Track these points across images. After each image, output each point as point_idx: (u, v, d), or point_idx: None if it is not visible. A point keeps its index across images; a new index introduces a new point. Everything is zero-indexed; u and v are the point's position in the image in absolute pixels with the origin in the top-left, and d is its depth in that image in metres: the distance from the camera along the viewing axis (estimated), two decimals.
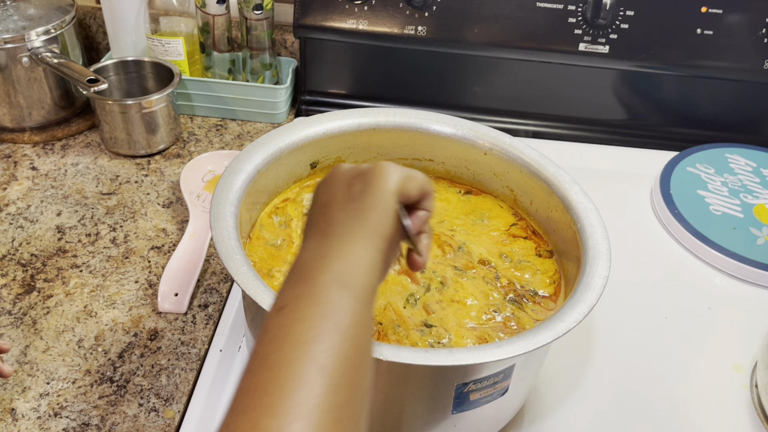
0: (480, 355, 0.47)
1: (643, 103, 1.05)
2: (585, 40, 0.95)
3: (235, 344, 0.70)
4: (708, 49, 0.95)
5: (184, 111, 1.03)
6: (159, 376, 0.66)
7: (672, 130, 1.06)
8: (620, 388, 0.68)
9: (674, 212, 0.87)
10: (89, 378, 0.65)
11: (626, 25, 0.94)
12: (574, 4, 0.93)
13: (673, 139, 1.04)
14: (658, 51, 0.96)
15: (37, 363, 0.66)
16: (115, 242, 0.80)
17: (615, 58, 0.96)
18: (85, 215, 0.84)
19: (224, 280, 0.76)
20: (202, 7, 0.96)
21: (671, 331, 0.74)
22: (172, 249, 0.79)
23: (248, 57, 1.01)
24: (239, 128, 1.02)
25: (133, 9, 0.96)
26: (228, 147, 0.98)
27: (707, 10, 0.93)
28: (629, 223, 0.89)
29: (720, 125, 1.05)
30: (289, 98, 1.04)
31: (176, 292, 0.73)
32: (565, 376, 0.68)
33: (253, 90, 1.01)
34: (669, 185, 0.91)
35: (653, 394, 0.67)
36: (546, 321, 0.50)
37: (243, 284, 0.50)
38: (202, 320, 0.72)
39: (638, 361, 0.71)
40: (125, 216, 0.84)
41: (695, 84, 1.02)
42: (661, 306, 0.77)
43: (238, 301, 0.74)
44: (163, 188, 0.89)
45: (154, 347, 0.68)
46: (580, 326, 0.51)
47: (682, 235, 0.85)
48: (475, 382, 0.51)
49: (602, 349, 0.71)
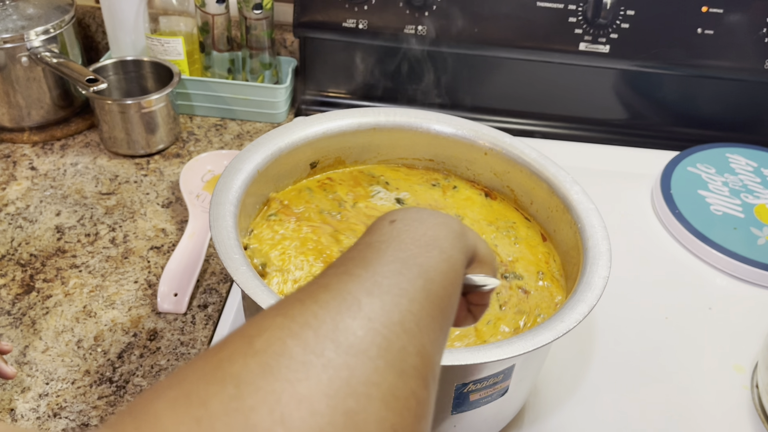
0: (480, 355, 0.47)
1: (643, 102, 1.05)
2: (585, 39, 0.95)
3: None
4: (709, 49, 0.95)
5: (184, 111, 1.03)
6: (158, 376, 0.65)
7: (673, 130, 1.05)
8: (620, 389, 0.68)
9: (675, 212, 0.86)
10: (88, 378, 0.65)
11: (627, 24, 0.94)
12: (574, 4, 0.93)
13: (674, 138, 1.04)
14: (658, 50, 0.96)
15: (36, 363, 0.66)
16: (115, 242, 0.80)
17: (615, 58, 0.96)
18: (85, 215, 0.83)
19: (224, 281, 0.76)
20: (202, 6, 0.96)
21: (672, 331, 0.74)
22: (172, 249, 0.79)
23: (248, 56, 1.01)
24: (239, 128, 1.02)
25: (133, 8, 0.96)
26: (227, 147, 0.98)
27: (708, 10, 0.93)
28: (630, 223, 0.89)
29: (721, 125, 1.05)
30: (288, 98, 1.04)
31: (176, 293, 0.73)
32: (566, 377, 0.68)
33: (252, 90, 1.00)
34: (669, 185, 0.90)
35: (654, 395, 0.67)
36: (546, 321, 0.50)
37: (242, 284, 0.50)
38: (202, 320, 0.71)
39: (638, 361, 0.70)
40: (124, 216, 0.84)
41: (696, 84, 1.02)
42: (661, 306, 0.77)
43: (237, 302, 0.73)
44: (163, 188, 0.89)
45: (153, 347, 0.68)
46: (581, 326, 0.51)
47: (683, 235, 0.85)
48: (475, 382, 0.51)
49: (602, 350, 0.71)
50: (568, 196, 0.63)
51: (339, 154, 0.72)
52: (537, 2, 0.94)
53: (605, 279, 0.55)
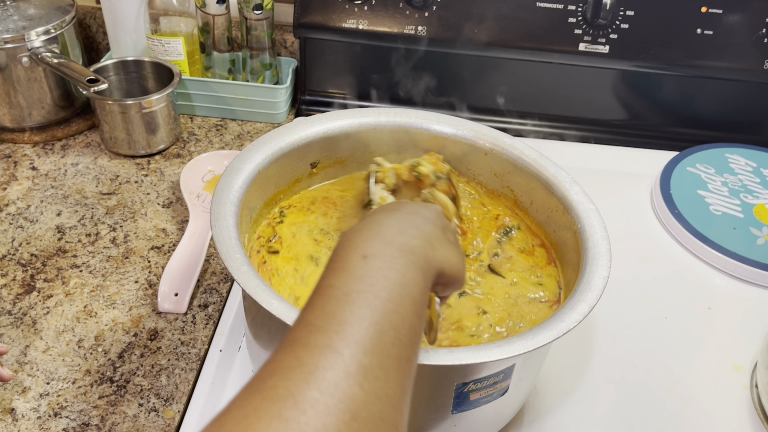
0: (480, 354, 0.47)
1: (643, 102, 1.05)
2: (585, 40, 0.95)
3: (235, 344, 0.70)
4: (708, 49, 0.95)
5: (184, 111, 1.03)
6: (159, 376, 0.66)
7: (672, 130, 1.06)
8: (620, 389, 0.68)
9: (674, 212, 0.87)
10: (89, 378, 0.65)
11: (626, 24, 0.94)
12: (574, 4, 0.93)
13: (673, 139, 1.04)
14: (658, 51, 0.96)
15: (37, 363, 0.66)
16: (115, 242, 0.80)
17: (615, 58, 0.96)
18: (85, 215, 0.84)
19: (224, 280, 0.76)
20: (202, 7, 0.96)
21: (671, 331, 0.74)
22: (172, 249, 0.79)
23: (248, 57, 1.01)
24: (239, 128, 1.02)
25: (133, 9, 0.96)
26: (228, 147, 0.98)
27: (707, 10, 0.93)
28: (629, 223, 0.89)
29: (720, 125, 1.05)
30: (289, 98, 1.04)
31: (176, 292, 0.73)
32: (565, 376, 0.68)
33: (253, 90, 1.01)
34: (669, 185, 0.91)
35: (653, 395, 0.67)
36: (546, 321, 0.50)
37: (243, 283, 0.50)
38: (202, 320, 0.71)
39: (638, 361, 0.71)
40: (125, 216, 0.84)
41: (695, 84, 1.02)
42: (661, 306, 0.77)
43: (238, 301, 0.74)
44: (163, 188, 0.89)
45: (154, 347, 0.68)
46: (580, 326, 0.51)
47: (682, 235, 0.85)
48: (475, 381, 0.51)
49: (602, 349, 0.71)
50: (568, 196, 0.64)
51: (339, 154, 0.72)
52: (537, 2, 0.94)
53: (605, 279, 0.55)
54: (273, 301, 0.49)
